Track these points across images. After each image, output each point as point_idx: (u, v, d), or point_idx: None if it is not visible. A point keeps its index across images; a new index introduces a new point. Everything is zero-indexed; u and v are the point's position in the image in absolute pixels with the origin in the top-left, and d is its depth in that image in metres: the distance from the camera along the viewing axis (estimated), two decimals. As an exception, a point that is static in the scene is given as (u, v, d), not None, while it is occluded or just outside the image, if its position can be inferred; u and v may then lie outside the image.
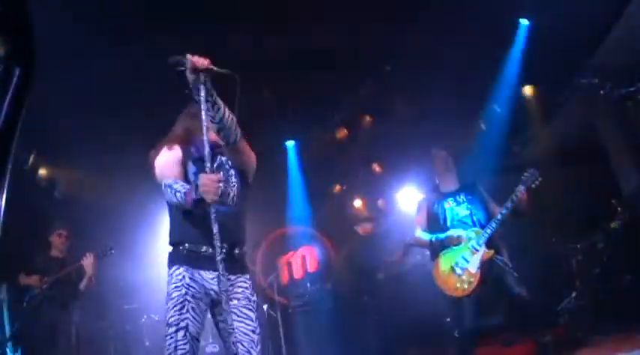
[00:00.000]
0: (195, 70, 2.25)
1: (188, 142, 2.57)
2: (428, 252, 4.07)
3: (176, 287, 2.31)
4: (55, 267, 4.94)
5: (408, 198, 8.28)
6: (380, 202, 8.78)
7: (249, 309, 2.43)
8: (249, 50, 5.46)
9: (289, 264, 8.00)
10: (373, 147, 7.71)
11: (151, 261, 5.94)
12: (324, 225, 8.20)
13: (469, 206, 3.90)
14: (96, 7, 4.28)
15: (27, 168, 5.88)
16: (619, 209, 5.44)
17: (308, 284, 7.30)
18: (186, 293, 2.29)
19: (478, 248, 3.70)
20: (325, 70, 5.84)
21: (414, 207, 4.22)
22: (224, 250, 2.22)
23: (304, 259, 8.47)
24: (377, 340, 7.21)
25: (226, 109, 2.35)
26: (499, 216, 3.70)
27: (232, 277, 2.38)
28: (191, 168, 2.48)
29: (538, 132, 7.05)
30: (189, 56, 2.26)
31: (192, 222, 2.38)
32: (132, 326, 6.15)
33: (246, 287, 2.45)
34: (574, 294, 5.51)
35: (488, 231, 3.70)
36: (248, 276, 2.49)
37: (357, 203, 8.81)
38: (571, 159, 6.81)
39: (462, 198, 3.96)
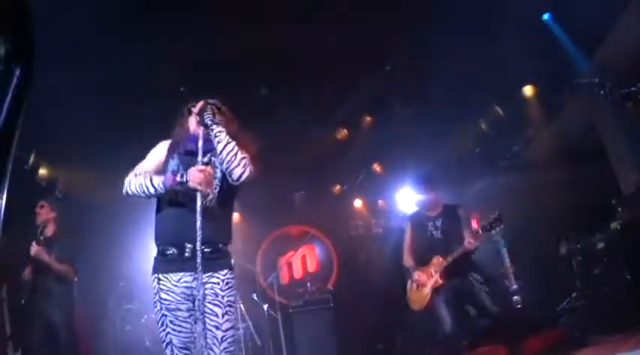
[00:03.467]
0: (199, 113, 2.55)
1: (180, 138, 2.70)
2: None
3: (154, 303, 2.44)
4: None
5: (408, 198, 8.29)
6: (380, 202, 8.79)
7: (215, 305, 2.38)
8: (248, 50, 5.46)
9: (289, 264, 8.00)
10: (373, 147, 7.71)
11: (151, 261, 5.93)
12: (325, 225, 8.19)
13: (444, 232, 4.46)
14: (96, 5, 4.28)
15: (27, 168, 5.88)
16: (619, 209, 5.43)
17: (308, 284, 7.29)
18: (161, 309, 2.41)
19: (433, 275, 4.38)
20: (325, 69, 5.84)
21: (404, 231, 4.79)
22: (187, 249, 2.38)
23: (304, 259, 8.48)
24: (377, 340, 7.22)
25: (227, 146, 2.45)
26: (454, 254, 4.28)
27: (201, 276, 2.36)
28: (172, 162, 2.58)
29: (538, 132, 7.05)
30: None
31: (160, 223, 2.53)
32: (132, 326, 6.15)
33: (216, 283, 2.40)
34: (574, 294, 5.51)
35: (445, 263, 4.33)
36: (225, 272, 2.45)
37: (358, 203, 8.81)
38: (571, 159, 6.81)
39: (439, 222, 4.51)
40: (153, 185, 2.43)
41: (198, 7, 4.72)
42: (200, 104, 2.58)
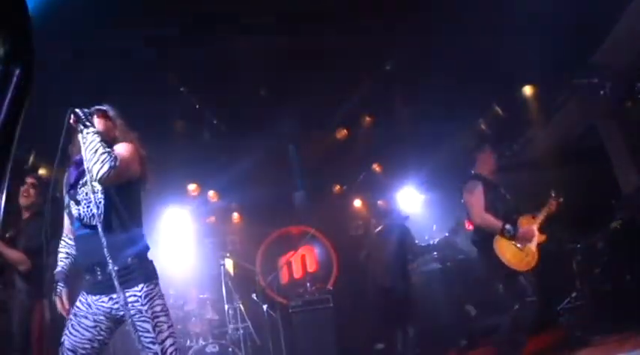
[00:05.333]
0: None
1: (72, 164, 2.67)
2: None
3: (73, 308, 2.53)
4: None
5: (408, 199, 8.30)
6: (380, 203, 8.78)
7: (143, 321, 2.40)
8: (249, 50, 5.46)
9: (289, 264, 8.00)
10: (373, 147, 7.71)
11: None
12: (325, 225, 8.20)
13: (509, 198, 4.26)
14: (95, 5, 4.28)
15: (27, 168, 5.87)
16: (619, 209, 5.44)
17: (308, 284, 7.29)
18: (70, 313, 2.49)
19: (535, 231, 4.08)
20: (325, 70, 5.84)
21: (469, 190, 4.26)
22: (98, 272, 2.41)
23: (304, 259, 8.47)
24: (377, 340, 7.22)
25: (90, 144, 2.38)
26: (542, 212, 4.20)
27: (115, 296, 2.39)
28: (66, 201, 2.58)
29: (538, 132, 7.05)
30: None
31: (76, 250, 2.59)
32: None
33: (135, 301, 2.39)
34: (574, 294, 5.51)
35: (541, 218, 4.16)
36: (140, 287, 2.40)
37: (357, 203, 8.81)
38: (571, 159, 6.82)
39: (503, 191, 4.30)
40: None
41: (199, 6, 4.72)
42: (72, 115, 2.52)
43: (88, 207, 2.42)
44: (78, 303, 2.49)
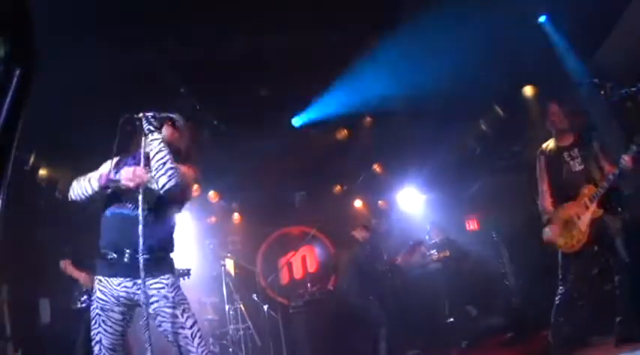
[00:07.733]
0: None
1: (127, 155, 2.80)
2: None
3: (92, 301, 2.56)
4: None
5: (408, 199, 8.31)
6: (380, 203, 8.78)
7: (170, 307, 2.52)
8: (248, 49, 5.46)
9: (289, 265, 8.00)
10: (373, 147, 7.71)
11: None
12: (325, 226, 8.20)
13: (583, 162, 3.91)
14: (96, 5, 4.28)
15: (27, 168, 5.87)
16: (619, 209, 5.43)
17: (308, 285, 7.29)
18: (96, 307, 2.52)
19: (589, 205, 3.77)
20: (325, 69, 5.84)
21: (537, 162, 4.15)
22: (127, 255, 2.49)
23: (305, 259, 8.47)
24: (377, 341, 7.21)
25: (158, 154, 2.53)
26: (610, 177, 3.75)
27: (139, 281, 2.44)
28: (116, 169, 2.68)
29: (538, 133, 7.04)
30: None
31: (104, 228, 2.62)
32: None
33: (161, 287, 2.52)
34: (574, 294, 5.50)
35: (601, 190, 3.75)
36: (167, 276, 2.55)
37: (358, 203, 8.81)
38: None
39: (575, 153, 3.96)
40: (90, 184, 2.62)
41: (199, 6, 4.72)
42: (140, 116, 2.68)
43: (139, 199, 2.48)
44: (99, 294, 2.51)
